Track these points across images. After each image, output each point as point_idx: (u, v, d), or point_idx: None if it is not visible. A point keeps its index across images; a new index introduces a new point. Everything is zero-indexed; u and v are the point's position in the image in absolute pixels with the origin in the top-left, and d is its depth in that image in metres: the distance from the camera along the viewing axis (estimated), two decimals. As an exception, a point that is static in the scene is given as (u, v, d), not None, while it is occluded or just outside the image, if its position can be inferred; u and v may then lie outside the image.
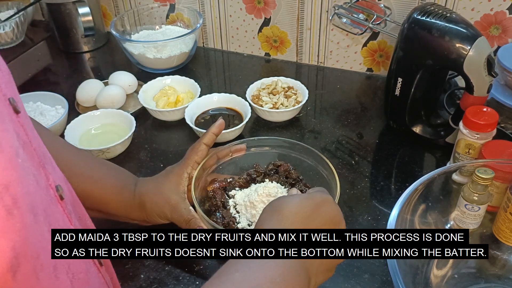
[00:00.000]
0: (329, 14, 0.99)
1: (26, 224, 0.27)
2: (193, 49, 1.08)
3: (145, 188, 0.64)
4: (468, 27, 0.72)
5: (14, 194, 0.26)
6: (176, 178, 0.64)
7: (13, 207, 0.25)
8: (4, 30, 1.13)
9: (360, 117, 0.91)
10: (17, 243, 0.25)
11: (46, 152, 0.37)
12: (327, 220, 0.46)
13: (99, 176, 0.63)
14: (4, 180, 0.25)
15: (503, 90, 0.81)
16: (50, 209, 0.32)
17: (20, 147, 0.29)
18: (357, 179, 0.77)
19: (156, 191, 0.63)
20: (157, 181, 0.64)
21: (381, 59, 1.02)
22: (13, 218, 0.25)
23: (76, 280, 0.34)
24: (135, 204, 0.63)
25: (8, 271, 0.25)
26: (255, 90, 0.93)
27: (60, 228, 0.33)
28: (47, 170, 0.35)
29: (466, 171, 0.64)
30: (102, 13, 1.21)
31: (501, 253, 0.63)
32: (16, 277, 0.26)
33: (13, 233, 0.25)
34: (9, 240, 0.25)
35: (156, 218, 0.63)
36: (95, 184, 0.62)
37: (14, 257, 0.25)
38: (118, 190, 0.63)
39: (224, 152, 0.69)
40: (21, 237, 0.26)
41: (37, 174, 0.32)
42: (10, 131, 0.28)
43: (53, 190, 0.34)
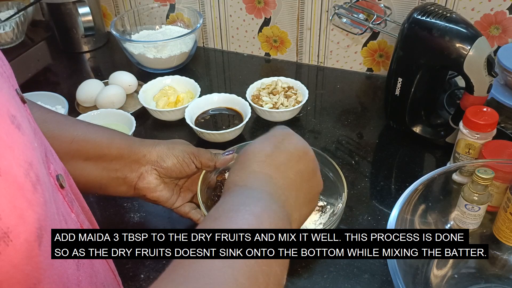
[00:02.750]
0: (329, 14, 0.99)
1: (46, 200, 0.28)
2: (193, 49, 1.08)
3: (155, 141, 0.63)
4: (468, 27, 0.72)
5: (36, 172, 0.28)
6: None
7: (36, 183, 0.27)
8: (4, 30, 1.13)
9: (360, 117, 0.91)
10: (41, 216, 0.27)
11: (46, 142, 0.38)
12: (292, 152, 0.45)
13: (107, 130, 0.63)
14: (29, 158, 0.27)
15: (503, 90, 0.81)
16: (54, 196, 0.33)
17: (33, 134, 0.30)
18: (357, 179, 0.77)
19: (170, 143, 0.63)
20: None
21: (381, 59, 1.02)
22: (37, 193, 0.27)
23: (81, 265, 0.36)
24: (143, 148, 0.61)
25: (35, 241, 0.27)
26: (255, 90, 0.93)
27: (60, 228, 0.33)
28: (49, 159, 0.36)
29: (466, 171, 0.64)
30: (102, 13, 1.21)
31: (501, 253, 0.63)
32: (41, 248, 0.28)
33: (38, 206, 0.27)
34: (35, 212, 0.27)
35: (164, 164, 0.61)
36: (103, 132, 0.61)
37: (39, 228, 0.27)
38: (126, 139, 0.62)
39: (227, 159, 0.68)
40: (43, 211, 0.28)
41: (43, 161, 0.33)
42: (25, 117, 0.30)
43: (54, 179, 0.35)
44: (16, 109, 0.28)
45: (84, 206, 0.44)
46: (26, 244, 0.26)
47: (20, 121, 0.28)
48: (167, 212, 0.73)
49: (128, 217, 0.72)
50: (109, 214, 0.73)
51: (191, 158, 0.62)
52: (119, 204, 0.74)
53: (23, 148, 0.27)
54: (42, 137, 0.37)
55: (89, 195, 0.76)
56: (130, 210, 0.73)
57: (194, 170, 0.64)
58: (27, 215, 0.26)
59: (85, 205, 0.44)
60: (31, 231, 0.26)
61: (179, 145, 0.63)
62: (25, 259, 0.26)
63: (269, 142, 0.46)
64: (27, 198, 0.26)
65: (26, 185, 0.26)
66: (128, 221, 0.71)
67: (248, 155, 0.45)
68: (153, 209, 0.73)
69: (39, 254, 0.27)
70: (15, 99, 0.29)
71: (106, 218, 0.72)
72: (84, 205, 0.44)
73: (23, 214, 0.26)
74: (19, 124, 0.27)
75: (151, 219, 0.72)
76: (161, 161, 0.61)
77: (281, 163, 0.44)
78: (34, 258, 0.27)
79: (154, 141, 0.62)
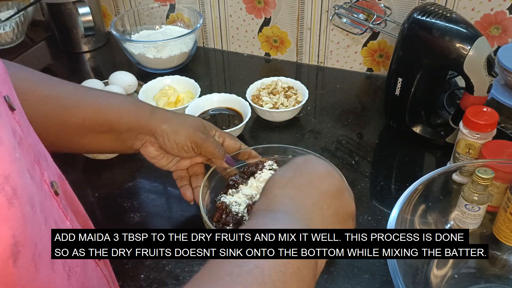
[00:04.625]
0: (329, 14, 0.99)
1: (25, 214, 0.27)
2: (193, 49, 1.08)
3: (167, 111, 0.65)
4: (468, 27, 0.72)
5: (14, 185, 0.27)
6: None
7: (13, 197, 0.26)
8: (4, 30, 1.13)
9: (360, 117, 0.91)
10: (17, 231, 0.26)
11: (42, 148, 0.38)
12: (315, 174, 0.45)
13: (116, 103, 0.63)
14: (5, 171, 0.26)
15: (503, 90, 0.81)
16: (45, 204, 0.33)
17: (16, 143, 0.29)
18: (357, 179, 0.77)
19: (176, 125, 0.64)
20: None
21: (381, 59, 1.02)
22: (13, 207, 0.26)
23: (73, 273, 0.35)
24: (150, 124, 0.62)
25: (9, 258, 0.26)
26: (255, 90, 0.93)
27: (60, 228, 0.33)
28: (42, 166, 0.35)
29: (466, 171, 0.64)
30: (102, 13, 1.21)
31: (501, 253, 0.63)
32: (17, 264, 0.27)
33: (14, 222, 0.26)
34: (10, 228, 0.26)
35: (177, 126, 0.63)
36: (112, 107, 0.62)
37: (15, 244, 0.26)
38: (135, 113, 0.63)
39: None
40: (20, 226, 0.27)
41: (32, 170, 0.32)
42: (7, 126, 0.29)
43: (48, 186, 0.35)
44: None
45: (80, 210, 0.44)
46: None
47: None
48: (167, 212, 0.73)
49: (128, 217, 0.72)
50: (109, 214, 0.73)
51: (192, 147, 0.63)
52: (119, 204, 0.74)
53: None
54: (35, 142, 0.36)
55: (89, 196, 0.76)
56: (130, 210, 0.73)
57: (193, 156, 0.66)
58: (0, 232, 0.25)
59: (82, 209, 0.44)
60: (4, 248, 0.25)
61: (185, 129, 0.63)
62: None
63: (290, 167, 0.46)
64: (1, 214, 0.25)
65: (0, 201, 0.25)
66: (128, 221, 0.71)
67: (270, 182, 0.45)
68: (153, 209, 0.73)
69: (14, 272, 0.26)
70: None
71: (106, 218, 0.72)
72: (80, 210, 0.44)
73: None
74: None
75: (151, 219, 0.72)
76: (161, 141, 0.63)
77: (303, 184, 0.44)
78: (9, 276, 0.26)
79: (163, 117, 0.63)
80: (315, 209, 0.43)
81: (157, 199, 0.75)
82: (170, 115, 0.64)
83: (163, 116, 0.63)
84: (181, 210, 0.73)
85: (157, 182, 0.78)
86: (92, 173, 0.81)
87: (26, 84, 0.56)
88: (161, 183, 0.78)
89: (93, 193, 0.77)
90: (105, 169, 0.81)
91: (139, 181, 0.79)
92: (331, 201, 0.44)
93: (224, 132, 0.69)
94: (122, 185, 0.78)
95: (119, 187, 0.77)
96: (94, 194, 0.76)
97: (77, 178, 0.80)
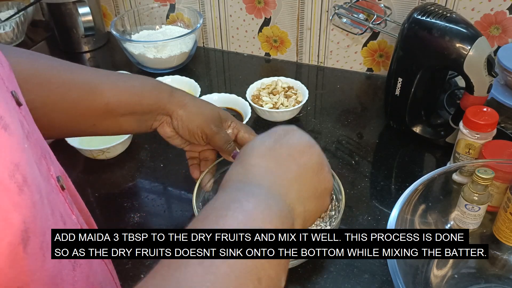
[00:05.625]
0: (329, 14, 0.99)
1: (35, 202, 0.28)
2: (193, 49, 1.08)
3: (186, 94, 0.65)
4: (468, 27, 0.72)
5: (24, 173, 0.27)
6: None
7: (23, 185, 0.27)
8: (4, 30, 1.13)
9: (360, 117, 0.91)
10: (27, 218, 0.27)
11: (46, 144, 0.38)
12: (295, 146, 0.43)
13: (136, 85, 0.64)
14: (15, 159, 0.27)
15: (503, 90, 0.81)
16: (52, 197, 0.33)
17: (24, 136, 0.30)
18: (357, 179, 0.77)
19: (192, 114, 0.64)
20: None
21: (381, 59, 1.02)
22: (24, 194, 0.27)
23: (78, 265, 0.35)
24: (168, 107, 0.63)
25: (20, 243, 0.26)
26: (255, 90, 0.93)
27: (60, 228, 0.33)
28: (48, 161, 0.36)
29: (466, 171, 0.64)
30: (102, 13, 1.21)
31: (501, 253, 0.63)
32: (27, 250, 0.27)
33: (24, 208, 0.27)
34: (20, 214, 0.26)
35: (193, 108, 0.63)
36: (133, 90, 0.62)
37: (25, 230, 0.27)
38: (155, 94, 0.63)
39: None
40: (30, 213, 0.27)
41: (39, 163, 0.32)
42: (16, 119, 0.29)
43: (55, 180, 0.35)
44: (5, 110, 0.27)
45: (83, 208, 0.44)
46: (10, 247, 0.26)
47: (8, 122, 0.27)
48: (167, 212, 0.73)
49: (128, 217, 0.72)
50: (109, 214, 0.73)
51: (202, 137, 0.64)
52: (119, 204, 0.74)
53: (9, 149, 0.26)
54: (40, 138, 0.37)
55: (89, 196, 0.76)
56: (130, 210, 0.73)
57: (203, 144, 0.66)
58: (11, 218, 0.26)
59: (84, 207, 0.44)
60: (15, 233, 0.26)
61: (199, 119, 0.63)
62: (8, 263, 0.26)
63: (270, 136, 0.44)
64: (12, 200, 0.26)
65: (11, 187, 0.26)
66: (128, 221, 0.71)
67: (247, 150, 0.43)
68: (153, 209, 0.73)
69: (24, 257, 0.27)
70: (6, 100, 0.29)
71: (106, 218, 0.72)
72: (83, 207, 0.44)
73: (7, 216, 0.25)
74: (6, 125, 0.27)
75: (151, 219, 0.72)
76: (175, 124, 0.64)
77: (282, 156, 0.42)
78: (19, 261, 0.27)
79: (181, 101, 0.63)
80: (292, 183, 0.41)
81: (157, 199, 0.75)
82: (187, 99, 0.64)
83: (181, 100, 0.63)
84: (181, 210, 0.73)
85: (157, 182, 0.78)
86: (92, 173, 0.81)
87: (48, 71, 0.56)
88: (161, 183, 0.78)
89: (93, 193, 0.77)
90: (105, 169, 0.81)
91: (139, 181, 0.79)
92: (310, 176, 0.43)
93: (240, 124, 0.68)
94: (122, 185, 0.78)
95: (119, 187, 0.78)
96: (94, 194, 0.76)
97: (77, 178, 0.80)
